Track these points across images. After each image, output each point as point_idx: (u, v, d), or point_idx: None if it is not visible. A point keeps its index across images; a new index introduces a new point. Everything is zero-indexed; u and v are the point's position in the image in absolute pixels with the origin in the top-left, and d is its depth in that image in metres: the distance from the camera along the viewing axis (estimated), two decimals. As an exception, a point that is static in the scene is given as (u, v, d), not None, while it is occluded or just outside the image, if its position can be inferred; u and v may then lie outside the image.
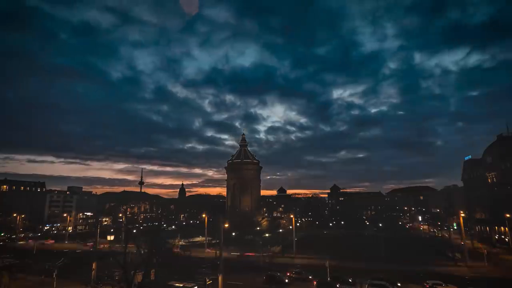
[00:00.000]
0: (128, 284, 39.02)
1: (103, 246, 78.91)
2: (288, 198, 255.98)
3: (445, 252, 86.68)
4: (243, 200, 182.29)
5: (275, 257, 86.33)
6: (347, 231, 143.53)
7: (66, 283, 56.40)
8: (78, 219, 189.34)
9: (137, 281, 42.49)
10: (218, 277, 46.62)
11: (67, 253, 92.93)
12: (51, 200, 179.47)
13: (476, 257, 77.72)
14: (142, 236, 55.88)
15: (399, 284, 54.32)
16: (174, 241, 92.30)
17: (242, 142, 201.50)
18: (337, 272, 61.01)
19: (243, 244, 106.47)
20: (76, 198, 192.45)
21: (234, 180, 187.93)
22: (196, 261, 75.12)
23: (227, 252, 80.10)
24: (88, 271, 55.66)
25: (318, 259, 79.36)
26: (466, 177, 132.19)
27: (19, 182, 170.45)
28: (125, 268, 39.78)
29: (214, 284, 48.95)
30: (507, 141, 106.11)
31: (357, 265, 73.08)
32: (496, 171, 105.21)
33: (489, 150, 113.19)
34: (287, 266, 74.01)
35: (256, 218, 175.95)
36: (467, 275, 63.14)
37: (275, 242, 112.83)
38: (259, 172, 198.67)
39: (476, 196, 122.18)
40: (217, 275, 48.22)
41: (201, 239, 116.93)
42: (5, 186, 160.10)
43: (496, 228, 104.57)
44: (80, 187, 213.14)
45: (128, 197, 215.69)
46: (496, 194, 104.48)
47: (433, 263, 73.40)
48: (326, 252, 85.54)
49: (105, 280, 56.17)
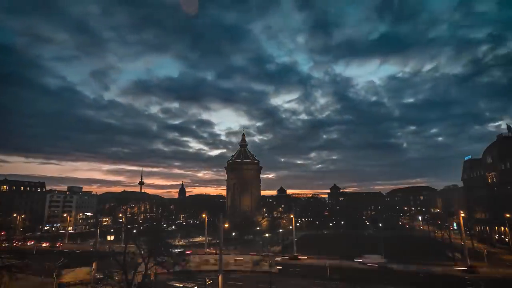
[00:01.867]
0: (128, 284, 39.01)
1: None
2: (288, 198, 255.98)
3: (445, 252, 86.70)
4: (243, 200, 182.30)
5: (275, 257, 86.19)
6: (347, 231, 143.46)
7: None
8: (78, 219, 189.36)
9: (137, 281, 42.48)
10: (218, 277, 46.63)
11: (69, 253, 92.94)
12: (51, 200, 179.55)
13: (476, 257, 77.86)
14: (142, 236, 55.80)
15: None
16: (174, 241, 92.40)
17: (242, 142, 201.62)
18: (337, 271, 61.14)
19: (243, 244, 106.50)
20: (76, 198, 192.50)
21: (234, 180, 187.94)
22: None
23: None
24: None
25: (318, 259, 79.47)
26: (466, 177, 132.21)
27: (19, 182, 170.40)
28: (125, 268, 39.78)
29: (214, 284, 48.99)
30: (507, 141, 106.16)
31: (357, 265, 73.10)
32: (496, 171, 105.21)
33: (489, 150, 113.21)
34: (287, 266, 74.07)
35: (256, 218, 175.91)
36: (467, 275, 63.16)
37: (275, 242, 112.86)
38: (259, 172, 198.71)
39: (476, 196, 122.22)
40: (217, 275, 48.24)
41: (201, 239, 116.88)
42: (5, 186, 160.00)
43: (496, 228, 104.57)
44: (80, 187, 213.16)
45: (128, 197, 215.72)
46: (496, 194, 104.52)
47: (433, 263, 73.39)
48: (326, 252, 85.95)
49: (105, 280, 56.12)
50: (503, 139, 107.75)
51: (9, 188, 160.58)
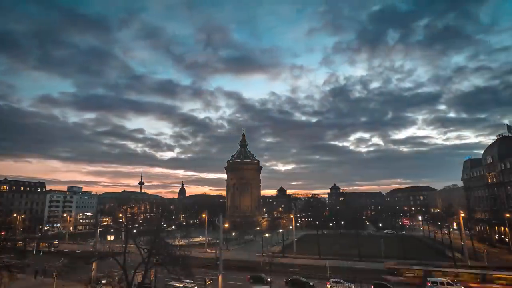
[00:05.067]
0: (128, 284, 39.02)
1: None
2: (288, 198, 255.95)
3: (445, 252, 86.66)
4: (243, 200, 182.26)
5: (274, 257, 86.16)
6: (347, 231, 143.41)
7: (66, 283, 56.46)
8: (78, 219, 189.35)
9: (137, 281, 42.48)
10: (218, 277, 46.62)
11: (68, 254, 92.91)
12: (51, 200, 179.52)
13: (476, 257, 77.84)
14: (142, 236, 55.86)
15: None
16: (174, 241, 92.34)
17: (242, 142, 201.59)
18: (336, 271, 61.09)
19: (243, 244, 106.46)
20: (76, 198, 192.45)
21: (234, 180, 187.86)
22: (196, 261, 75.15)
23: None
24: (87, 271, 55.76)
25: (318, 259, 79.43)
26: (466, 177, 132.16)
27: (19, 182, 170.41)
28: (125, 268, 39.78)
29: (214, 284, 48.99)
30: (507, 141, 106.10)
31: (356, 264, 73.03)
32: (496, 171, 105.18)
33: (489, 150, 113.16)
34: (287, 266, 74.00)
35: (256, 218, 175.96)
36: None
37: (275, 242, 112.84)
38: (259, 172, 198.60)
39: (476, 196, 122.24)
40: (217, 275, 48.23)
41: (201, 239, 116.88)
42: (5, 186, 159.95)
43: (496, 228, 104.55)
44: (80, 187, 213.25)
45: (128, 197, 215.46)
46: (496, 194, 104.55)
47: (433, 263, 73.31)
48: (326, 252, 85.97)
49: (105, 280, 56.18)
50: (503, 139, 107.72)
51: (9, 188, 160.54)
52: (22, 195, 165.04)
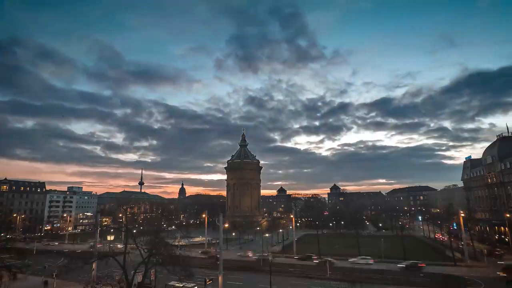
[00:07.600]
0: (128, 284, 38.99)
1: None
2: (288, 198, 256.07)
3: (444, 252, 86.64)
4: (243, 200, 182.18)
5: (274, 257, 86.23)
6: (347, 231, 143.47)
7: (66, 283, 56.44)
8: (78, 219, 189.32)
9: (137, 281, 42.44)
10: (218, 277, 46.58)
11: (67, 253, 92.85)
12: (51, 200, 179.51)
13: (476, 257, 77.83)
14: (142, 236, 55.79)
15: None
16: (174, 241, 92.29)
17: (242, 142, 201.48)
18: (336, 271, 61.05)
19: (243, 243, 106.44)
20: (76, 198, 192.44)
21: (234, 180, 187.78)
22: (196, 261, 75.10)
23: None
24: (87, 271, 55.61)
25: (318, 258, 79.36)
26: (466, 177, 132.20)
27: (19, 182, 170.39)
28: (125, 268, 39.74)
29: (214, 284, 48.94)
30: (507, 141, 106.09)
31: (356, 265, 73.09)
32: (496, 171, 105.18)
33: (489, 150, 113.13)
34: (287, 266, 74.01)
35: (256, 218, 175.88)
36: (467, 275, 63.07)
37: (275, 242, 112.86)
38: (259, 172, 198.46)
39: (476, 196, 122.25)
40: (217, 275, 48.18)
41: (201, 239, 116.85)
42: (5, 186, 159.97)
43: (496, 228, 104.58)
44: (80, 187, 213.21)
45: (128, 197, 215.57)
46: (496, 194, 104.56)
47: (433, 263, 73.37)
48: (326, 252, 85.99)
49: (105, 280, 56.12)
50: (503, 139, 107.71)
51: (9, 188, 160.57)
52: (22, 195, 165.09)
